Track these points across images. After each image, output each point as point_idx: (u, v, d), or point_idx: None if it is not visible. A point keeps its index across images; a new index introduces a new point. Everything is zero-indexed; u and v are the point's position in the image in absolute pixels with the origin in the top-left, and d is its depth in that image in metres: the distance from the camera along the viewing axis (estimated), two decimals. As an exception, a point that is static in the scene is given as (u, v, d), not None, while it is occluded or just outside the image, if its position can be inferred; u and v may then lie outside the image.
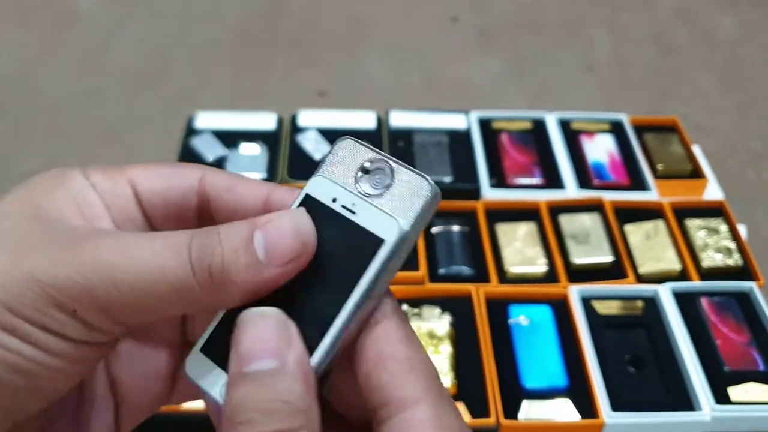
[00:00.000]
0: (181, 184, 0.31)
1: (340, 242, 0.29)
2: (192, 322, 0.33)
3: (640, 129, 0.93)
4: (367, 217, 0.29)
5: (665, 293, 0.74)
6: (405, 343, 0.27)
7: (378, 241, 0.28)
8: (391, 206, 0.29)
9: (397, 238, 0.28)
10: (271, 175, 0.85)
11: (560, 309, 0.73)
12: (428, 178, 0.29)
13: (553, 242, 0.79)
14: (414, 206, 0.28)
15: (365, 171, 0.30)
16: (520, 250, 0.78)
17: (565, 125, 0.93)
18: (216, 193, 0.31)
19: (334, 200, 0.29)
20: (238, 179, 0.31)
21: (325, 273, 0.28)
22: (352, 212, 0.29)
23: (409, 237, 0.28)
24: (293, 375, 0.25)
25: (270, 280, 0.27)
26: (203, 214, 0.31)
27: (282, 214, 0.28)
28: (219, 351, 0.28)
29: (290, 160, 0.87)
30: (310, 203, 0.29)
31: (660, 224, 0.81)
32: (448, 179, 0.85)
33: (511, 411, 0.65)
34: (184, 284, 0.26)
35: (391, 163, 0.29)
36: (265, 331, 0.26)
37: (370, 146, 0.30)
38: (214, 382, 0.28)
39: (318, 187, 0.30)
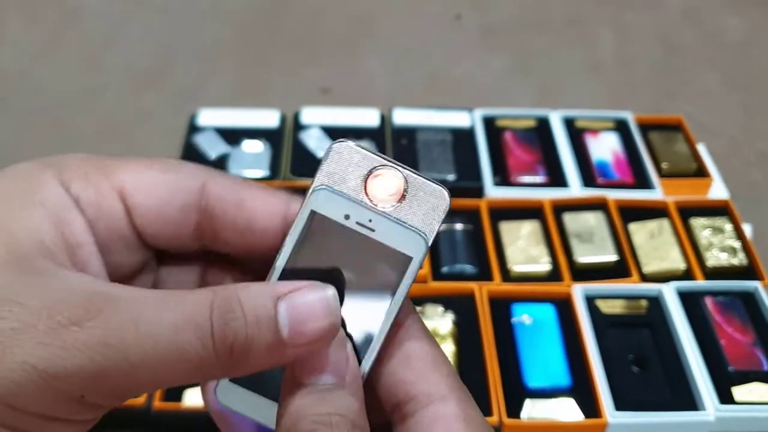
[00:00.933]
0: (178, 198, 0.28)
1: (364, 262, 0.27)
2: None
3: (645, 127, 0.93)
4: (388, 234, 0.27)
5: (669, 293, 0.73)
6: (428, 341, 0.27)
7: (406, 259, 0.27)
8: (412, 220, 0.27)
9: (424, 252, 0.27)
10: (274, 173, 0.85)
11: (564, 308, 0.73)
12: (443, 186, 0.28)
13: (557, 241, 0.78)
14: (435, 217, 0.28)
15: (373, 179, 0.28)
16: (524, 248, 0.78)
17: (569, 123, 0.92)
18: (222, 208, 0.28)
19: (347, 217, 0.27)
20: (247, 190, 0.28)
21: (356, 294, 0.27)
22: (371, 230, 0.27)
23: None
24: (351, 391, 0.26)
25: (289, 359, 0.25)
26: (204, 229, 0.29)
27: (305, 285, 0.25)
28: (251, 377, 0.27)
29: (293, 158, 0.86)
30: (318, 222, 0.27)
31: (664, 223, 0.80)
32: (451, 177, 0.85)
33: (513, 410, 0.65)
34: (204, 361, 0.24)
35: (401, 170, 0.28)
36: (327, 345, 0.26)
37: (371, 150, 0.28)
38: (255, 407, 0.27)
39: (324, 202, 0.27)
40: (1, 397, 0.22)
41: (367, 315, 0.27)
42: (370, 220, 0.27)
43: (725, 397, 0.65)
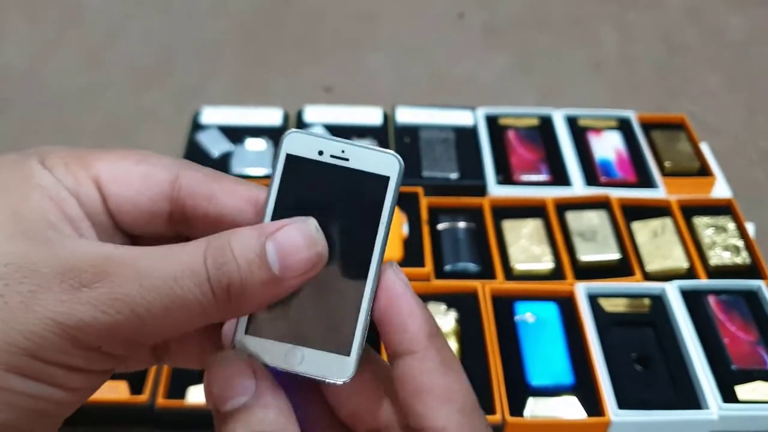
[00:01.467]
0: (150, 189, 0.29)
1: (344, 192, 0.29)
2: None
3: (648, 126, 0.93)
4: (362, 160, 0.29)
5: (672, 291, 0.73)
6: (441, 372, 0.28)
7: (384, 180, 0.28)
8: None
9: (399, 170, 0.28)
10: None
11: (567, 306, 0.73)
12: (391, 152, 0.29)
13: (560, 239, 0.78)
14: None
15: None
16: (527, 247, 0.78)
17: (572, 122, 0.92)
18: (193, 200, 0.29)
19: (321, 153, 0.29)
20: (218, 183, 0.29)
21: (342, 225, 0.29)
22: (345, 159, 0.29)
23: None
24: (265, 403, 0.27)
25: (285, 291, 0.27)
26: (177, 218, 0.30)
27: (289, 222, 0.27)
28: (263, 326, 0.29)
29: (296, 156, 0.86)
30: (295, 164, 0.29)
31: (667, 222, 0.80)
32: (454, 176, 0.85)
33: (516, 408, 0.65)
34: (205, 307, 0.26)
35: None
36: (228, 370, 0.27)
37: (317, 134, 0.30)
38: (274, 355, 0.29)
39: (297, 143, 0.29)
40: (28, 350, 0.24)
41: (358, 244, 0.29)
42: (343, 151, 0.29)
43: (728, 396, 0.65)
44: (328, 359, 0.28)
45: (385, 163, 0.28)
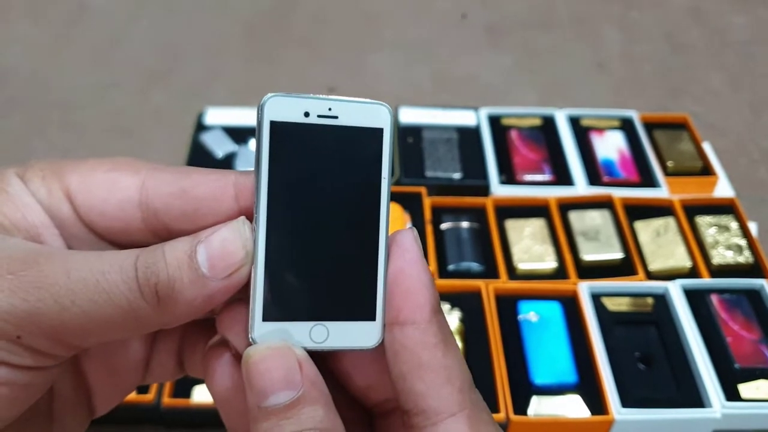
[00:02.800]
0: (116, 196, 0.28)
1: (338, 153, 0.27)
2: None
3: (650, 126, 0.93)
4: (352, 115, 0.27)
5: (675, 290, 0.73)
6: (442, 349, 0.27)
7: (377, 133, 0.27)
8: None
9: (392, 120, 0.27)
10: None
11: (570, 305, 0.73)
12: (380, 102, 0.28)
13: (563, 239, 0.78)
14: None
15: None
16: (530, 246, 0.78)
17: (574, 122, 0.93)
18: (164, 202, 0.28)
19: (307, 114, 0.27)
20: (187, 179, 0.28)
21: (343, 187, 0.27)
22: (334, 117, 0.27)
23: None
24: (312, 400, 0.26)
25: (216, 294, 0.26)
26: (153, 222, 0.29)
27: (223, 225, 0.27)
28: (280, 309, 0.27)
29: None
30: (280, 130, 0.27)
31: (670, 221, 0.80)
32: (457, 176, 0.85)
33: (520, 407, 0.65)
34: (133, 305, 0.25)
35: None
36: (273, 364, 0.26)
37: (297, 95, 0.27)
38: (295, 336, 0.27)
39: (280, 108, 0.27)
40: None
41: (363, 205, 0.27)
42: (330, 108, 0.27)
43: (731, 394, 0.65)
44: (354, 328, 0.27)
45: (375, 114, 0.27)
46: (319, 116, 0.27)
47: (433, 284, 0.28)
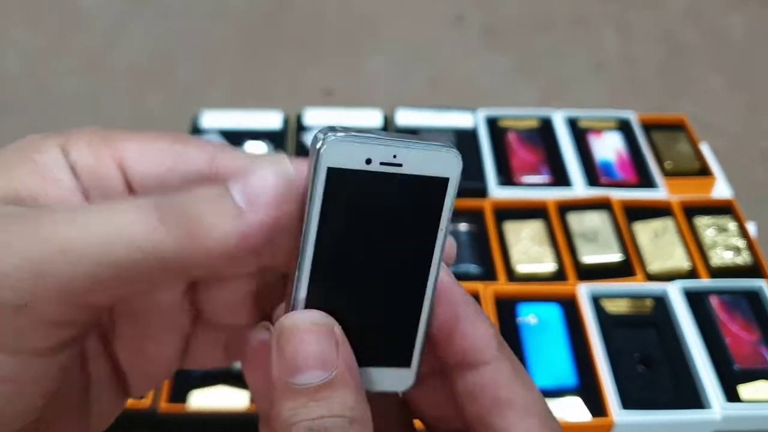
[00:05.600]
0: (183, 167, 0.25)
1: (398, 203, 0.25)
2: (203, 291, 0.28)
3: (648, 127, 0.93)
4: (418, 163, 0.24)
5: (674, 292, 0.73)
6: (519, 383, 0.26)
7: (441, 182, 0.25)
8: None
9: (459, 168, 0.25)
10: (278, 174, 0.85)
11: (569, 308, 0.73)
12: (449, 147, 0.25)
13: (562, 241, 0.78)
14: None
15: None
16: (528, 248, 0.78)
17: (572, 123, 0.92)
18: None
19: (369, 161, 0.24)
20: (256, 162, 0.25)
21: (396, 237, 0.25)
22: (398, 165, 0.24)
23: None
24: (344, 385, 0.24)
25: (253, 229, 0.23)
26: None
27: (260, 165, 0.24)
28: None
29: (297, 159, 0.86)
30: (339, 178, 0.24)
31: (669, 222, 0.80)
32: (455, 177, 0.85)
33: (519, 410, 0.65)
34: (155, 243, 0.22)
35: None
36: (311, 337, 0.24)
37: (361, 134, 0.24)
38: None
39: (338, 152, 0.24)
40: None
41: (415, 256, 0.26)
42: (395, 156, 0.24)
43: (731, 396, 0.65)
44: (388, 373, 0.27)
45: (443, 162, 0.25)
46: (381, 164, 0.24)
47: (488, 318, 0.27)
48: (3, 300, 0.21)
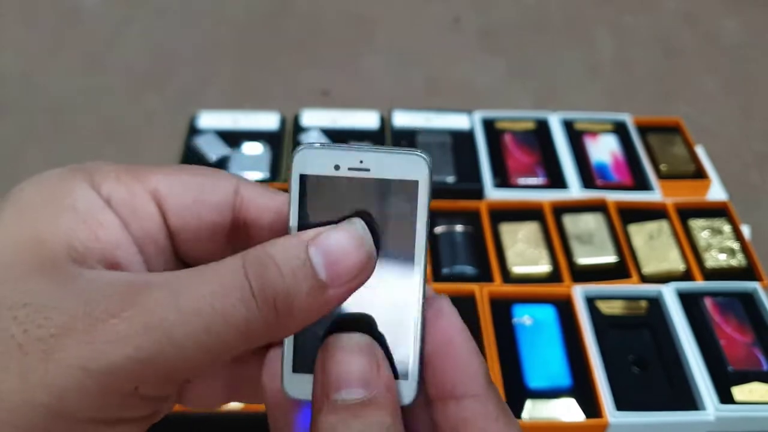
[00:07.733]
0: (214, 197, 0.27)
1: (370, 208, 0.26)
2: None
3: (644, 129, 0.93)
4: (385, 167, 0.25)
5: (669, 293, 0.73)
6: (503, 420, 0.26)
7: (411, 184, 0.25)
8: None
9: (428, 171, 0.25)
10: (274, 175, 0.85)
11: (564, 309, 0.73)
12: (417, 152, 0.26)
13: (557, 242, 0.78)
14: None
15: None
16: (524, 250, 0.78)
17: (568, 125, 0.93)
18: (258, 212, 0.27)
19: (337, 167, 0.25)
20: (278, 196, 0.27)
21: (376, 246, 0.25)
22: (366, 170, 0.25)
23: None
24: (383, 405, 0.25)
25: (334, 302, 0.25)
26: (238, 229, 0.28)
27: (334, 228, 0.25)
28: (311, 362, 0.26)
29: (294, 160, 0.87)
30: (311, 184, 0.26)
31: (663, 224, 0.81)
32: (451, 179, 0.85)
33: (515, 410, 0.65)
34: (251, 324, 0.23)
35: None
36: (354, 357, 0.25)
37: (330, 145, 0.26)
38: None
39: (309, 161, 0.25)
40: (51, 407, 0.21)
41: (396, 264, 0.26)
42: (361, 161, 0.25)
43: (725, 397, 0.65)
44: None
45: (411, 165, 0.25)
46: (350, 169, 0.25)
47: (479, 351, 0.27)
48: (116, 388, 0.22)
